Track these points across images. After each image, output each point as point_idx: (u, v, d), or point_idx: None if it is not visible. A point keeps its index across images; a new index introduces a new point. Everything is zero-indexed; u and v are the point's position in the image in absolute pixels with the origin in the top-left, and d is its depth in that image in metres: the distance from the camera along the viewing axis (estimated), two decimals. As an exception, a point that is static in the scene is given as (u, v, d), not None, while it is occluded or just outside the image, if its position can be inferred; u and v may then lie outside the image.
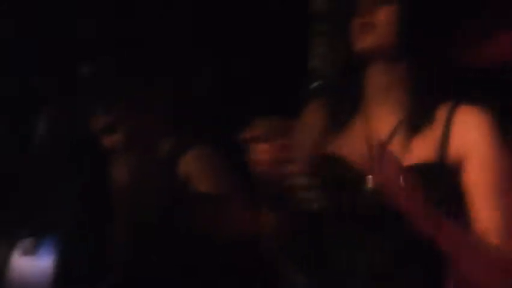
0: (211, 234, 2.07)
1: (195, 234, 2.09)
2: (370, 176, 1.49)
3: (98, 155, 2.26)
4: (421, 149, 1.55)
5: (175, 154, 2.19)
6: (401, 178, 1.38)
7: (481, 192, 1.52)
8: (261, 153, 1.45)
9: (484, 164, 1.53)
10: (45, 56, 2.79)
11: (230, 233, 2.04)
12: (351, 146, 1.60)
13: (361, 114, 1.64)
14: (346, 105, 1.66)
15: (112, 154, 2.24)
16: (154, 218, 2.16)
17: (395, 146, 1.56)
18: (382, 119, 1.61)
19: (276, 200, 1.54)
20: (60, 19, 2.80)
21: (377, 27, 1.58)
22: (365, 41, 1.58)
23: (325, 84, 2.46)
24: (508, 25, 3.94)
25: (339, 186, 1.56)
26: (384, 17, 1.58)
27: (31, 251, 2.55)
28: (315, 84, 2.49)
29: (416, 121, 1.57)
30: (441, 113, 1.57)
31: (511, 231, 1.51)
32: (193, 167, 2.15)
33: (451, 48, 1.67)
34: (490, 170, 1.52)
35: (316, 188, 1.45)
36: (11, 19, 2.81)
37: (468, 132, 1.54)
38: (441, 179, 1.52)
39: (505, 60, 4.15)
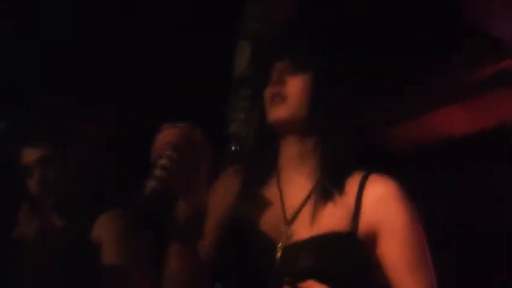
0: None
1: None
2: (279, 245, 1.50)
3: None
4: (332, 218, 1.52)
5: (88, 217, 2.15)
6: None
7: (401, 266, 1.50)
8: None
9: (401, 238, 1.51)
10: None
11: None
12: (264, 212, 1.58)
13: (275, 181, 1.62)
14: (261, 172, 1.63)
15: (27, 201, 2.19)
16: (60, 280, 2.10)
17: (306, 214, 1.54)
18: (295, 186, 1.59)
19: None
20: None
21: (288, 98, 1.54)
22: (276, 113, 1.55)
23: (242, 149, 2.46)
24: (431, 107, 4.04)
25: (248, 254, 1.53)
26: (295, 88, 1.54)
27: None
28: (233, 148, 2.49)
29: (327, 190, 1.54)
30: (353, 183, 1.55)
31: None
32: (104, 232, 2.11)
33: (367, 121, 1.66)
34: (407, 244, 1.51)
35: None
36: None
37: (380, 204, 1.52)
38: (352, 249, 1.50)
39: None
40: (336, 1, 2.29)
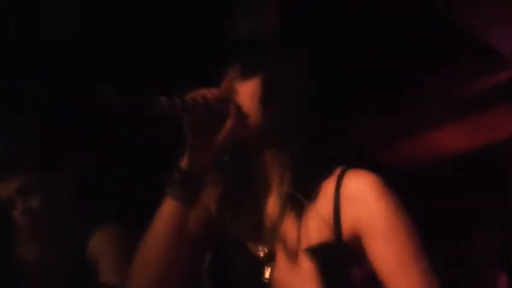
0: None
1: None
2: (267, 264, 1.44)
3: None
4: (314, 229, 1.44)
5: (83, 235, 2.14)
6: None
7: (389, 267, 1.39)
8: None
9: (385, 236, 1.40)
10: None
11: None
12: (244, 227, 1.52)
13: (253, 193, 1.56)
14: (239, 184, 1.57)
15: (20, 232, 2.16)
16: None
17: (286, 229, 1.47)
18: (270, 199, 1.53)
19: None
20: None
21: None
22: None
23: (233, 160, 2.42)
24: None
25: (234, 272, 1.48)
26: (244, 95, 1.48)
27: None
28: (225, 159, 2.49)
29: (299, 201, 1.45)
30: (329, 185, 1.47)
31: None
32: (100, 249, 2.11)
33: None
34: (394, 241, 1.40)
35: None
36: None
37: (358, 201, 1.42)
38: (339, 257, 1.41)
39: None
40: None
